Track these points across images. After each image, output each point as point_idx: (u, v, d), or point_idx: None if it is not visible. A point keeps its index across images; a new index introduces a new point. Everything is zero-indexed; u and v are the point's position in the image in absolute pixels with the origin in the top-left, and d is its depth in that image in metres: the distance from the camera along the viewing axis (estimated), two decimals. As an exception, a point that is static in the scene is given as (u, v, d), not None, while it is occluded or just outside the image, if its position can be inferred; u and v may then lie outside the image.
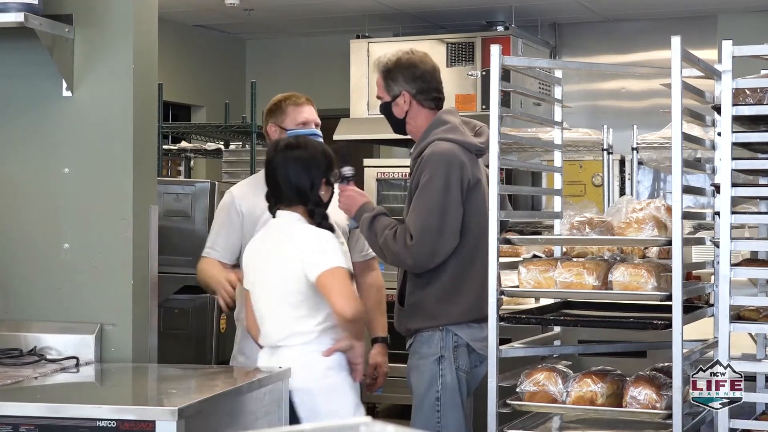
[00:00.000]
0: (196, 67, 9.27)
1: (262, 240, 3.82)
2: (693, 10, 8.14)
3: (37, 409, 3.11)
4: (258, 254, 3.79)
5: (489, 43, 7.13)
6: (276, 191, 3.78)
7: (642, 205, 3.80)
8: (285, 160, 3.75)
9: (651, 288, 3.59)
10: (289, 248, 3.70)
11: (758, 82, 3.58)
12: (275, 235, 3.76)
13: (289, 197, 3.75)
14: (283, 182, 3.74)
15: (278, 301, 3.71)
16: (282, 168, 3.75)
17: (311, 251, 3.66)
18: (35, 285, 3.96)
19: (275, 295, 3.72)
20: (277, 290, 3.71)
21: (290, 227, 3.74)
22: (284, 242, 3.72)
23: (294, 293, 3.67)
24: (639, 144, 6.14)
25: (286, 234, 3.73)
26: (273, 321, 3.74)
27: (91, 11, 3.94)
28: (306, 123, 4.47)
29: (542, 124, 5.45)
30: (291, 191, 3.74)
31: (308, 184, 3.75)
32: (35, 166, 4.00)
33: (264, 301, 3.76)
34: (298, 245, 3.69)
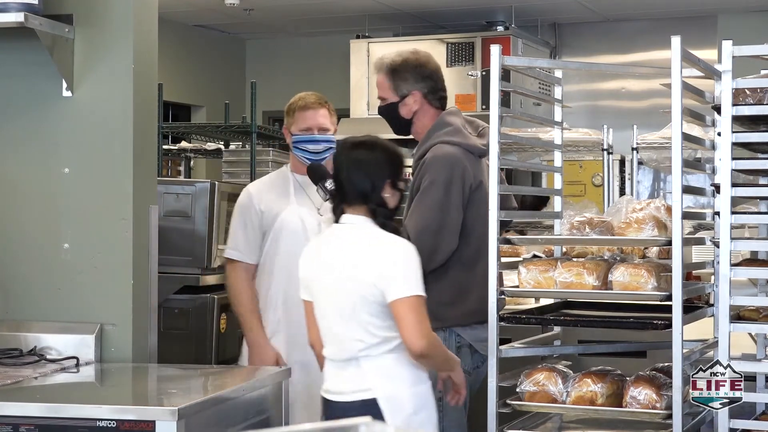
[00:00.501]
0: (196, 67, 9.27)
1: (326, 246, 3.56)
2: (693, 10, 8.14)
3: (37, 409, 3.11)
4: (325, 262, 3.50)
5: (489, 43, 7.13)
6: (340, 191, 3.60)
7: (642, 205, 3.80)
8: (347, 159, 3.56)
9: (651, 288, 3.59)
10: (366, 256, 3.44)
11: (758, 82, 3.58)
12: (347, 241, 3.49)
13: (351, 197, 3.55)
14: (345, 182, 3.54)
15: (356, 311, 3.41)
16: (345, 168, 3.56)
17: (394, 270, 3.41)
18: (35, 285, 3.96)
19: (351, 304, 3.42)
20: (353, 299, 3.41)
21: (363, 232, 3.49)
22: (359, 248, 3.46)
23: (373, 303, 3.41)
24: (639, 144, 6.14)
25: (362, 239, 3.48)
26: (350, 331, 3.43)
27: (91, 11, 3.94)
28: (309, 129, 4.45)
29: (542, 124, 5.45)
30: (353, 192, 3.54)
31: (369, 186, 3.52)
32: (35, 166, 4.00)
33: (336, 311, 3.45)
34: (378, 256, 3.44)
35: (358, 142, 3.61)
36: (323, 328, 3.50)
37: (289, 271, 4.23)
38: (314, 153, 4.43)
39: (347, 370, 3.43)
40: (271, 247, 4.39)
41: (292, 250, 4.23)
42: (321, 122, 4.48)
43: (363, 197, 3.50)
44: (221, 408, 3.30)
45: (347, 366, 3.43)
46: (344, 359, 3.43)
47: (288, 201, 4.43)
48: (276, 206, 4.41)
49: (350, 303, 3.41)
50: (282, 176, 4.57)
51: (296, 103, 4.51)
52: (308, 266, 3.56)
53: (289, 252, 4.27)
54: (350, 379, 3.42)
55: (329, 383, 3.47)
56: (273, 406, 3.65)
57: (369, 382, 3.39)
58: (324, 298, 3.48)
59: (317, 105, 4.51)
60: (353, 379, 3.41)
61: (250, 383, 3.51)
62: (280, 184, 4.51)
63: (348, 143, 3.61)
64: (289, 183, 4.50)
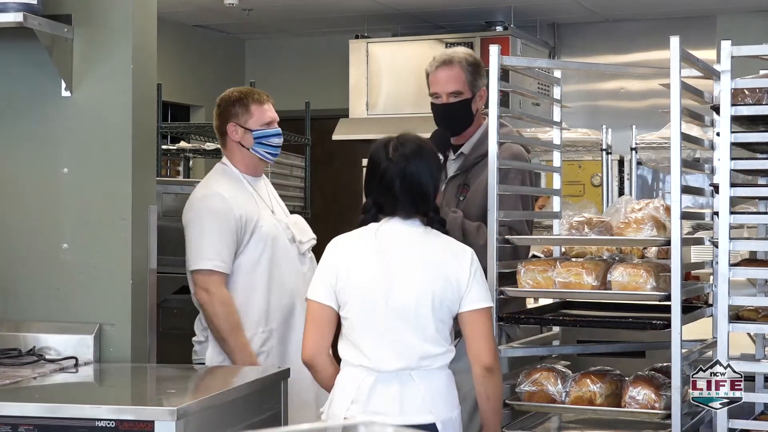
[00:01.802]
0: (195, 67, 9.26)
1: (385, 249, 3.26)
2: (692, 11, 8.14)
3: (36, 409, 3.11)
4: (387, 266, 3.23)
5: (488, 43, 7.12)
6: (391, 199, 3.26)
7: (641, 205, 3.80)
8: (410, 163, 3.26)
9: (650, 288, 3.59)
10: (443, 261, 3.25)
11: (757, 82, 3.58)
12: (415, 244, 3.26)
13: (408, 206, 3.26)
14: (406, 189, 3.24)
15: (425, 317, 3.20)
16: (408, 173, 3.25)
17: (472, 278, 3.25)
18: (34, 285, 3.96)
19: (421, 310, 3.20)
20: (424, 305, 3.20)
21: (431, 237, 3.28)
22: (433, 253, 3.26)
23: (444, 311, 3.23)
24: (638, 144, 6.14)
25: (434, 244, 3.28)
26: (406, 341, 3.20)
27: (90, 11, 3.94)
28: (271, 123, 4.27)
29: (541, 124, 5.45)
30: (415, 199, 3.26)
31: (433, 190, 3.31)
32: (34, 166, 4.00)
33: (398, 317, 3.20)
34: (456, 262, 3.26)
35: (415, 145, 3.31)
36: (369, 336, 3.21)
37: (278, 281, 4.15)
38: (277, 147, 4.29)
39: (394, 386, 3.19)
40: (253, 256, 4.12)
41: (274, 258, 4.15)
42: (276, 116, 4.33)
43: (425, 203, 3.28)
44: (220, 408, 3.30)
45: (394, 380, 3.19)
46: (395, 369, 3.19)
47: (256, 206, 4.20)
48: (252, 212, 4.16)
49: (420, 308, 3.19)
50: (234, 178, 4.24)
51: (251, 96, 4.24)
52: (355, 269, 3.24)
53: (271, 260, 4.14)
54: (403, 398, 3.18)
55: (377, 403, 3.17)
56: (272, 406, 3.65)
57: (427, 404, 3.18)
58: (380, 303, 3.20)
59: (269, 99, 4.31)
60: (407, 398, 3.18)
61: (249, 383, 3.51)
62: (242, 186, 4.22)
63: (399, 146, 3.29)
64: (245, 185, 4.23)
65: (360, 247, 3.28)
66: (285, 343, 4.16)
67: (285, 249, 4.20)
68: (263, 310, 4.13)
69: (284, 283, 4.18)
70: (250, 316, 4.10)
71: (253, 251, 4.12)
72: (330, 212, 9.40)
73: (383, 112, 8.13)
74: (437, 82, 4.15)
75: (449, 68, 4.13)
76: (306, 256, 4.28)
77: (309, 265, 4.25)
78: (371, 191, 3.32)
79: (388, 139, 3.34)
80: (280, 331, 4.16)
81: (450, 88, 4.12)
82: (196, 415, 3.13)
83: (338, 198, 9.39)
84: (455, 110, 4.12)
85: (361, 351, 3.22)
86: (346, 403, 3.19)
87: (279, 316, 4.16)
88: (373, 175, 3.31)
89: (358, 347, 3.22)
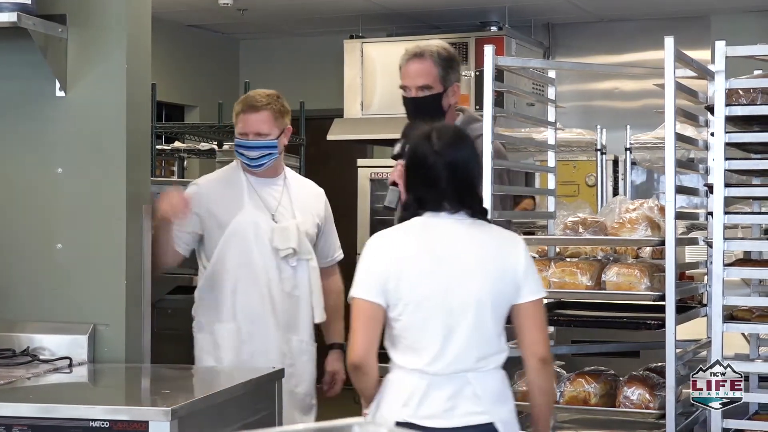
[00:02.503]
0: (190, 68, 9.26)
1: (436, 242, 3.08)
2: (686, 11, 8.14)
3: (30, 409, 3.11)
4: (442, 259, 3.06)
5: (482, 43, 7.11)
6: (438, 193, 3.09)
7: (635, 206, 3.81)
8: (458, 154, 3.10)
9: (644, 288, 3.59)
10: (500, 253, 3.10)
11: (751, 82, 3.58)
12: (469, 236, 3.09)
13: (455, 199, 3.10)
14: (455, 181, 3.08)
15: (483, 314, 3.05)
16: (456, 165, 3.09)
17: (528, 269, 3.11)
18: (28, 285, 3.96)
19: (477, 309, 3.04)
20: (482, 301, 3.04)
21: (483, 228, 3.13)
22: (489, 245, 3.11)
23: (501, 306, 3.08)
24: (632, 144, 6.15)
25: (489, 235, 3.13)
26: (465, 342, 3.03)
27: (84, 11, 3.94)
28: (245, 134, 4.19)
29: (536, 124, 5.45)
30: (462, 191, 3.10)
31: (479, 181, 3.23)
32: (28, 166, 3.99)
33: (453, 314, 3.03)
34: (513, 253, 3.11)
35: (457, 134, 3.17)
36: (425, 339, 3.03)
37: (245, 282, 4.14)
38: (251, 159, 4.18)
39: (449, 388, 3.01)
40: (220, 255, 4.16)
41: (243, 259, 4.14)
42: (257, 128, 4.18)
43: (472, 194, 3.13)
44: (215, 408, 3.30)
45: (449, 383, 3.02)
46: (451, 373, 3.01)
47: (241, 204, 4.20)
48: (228, 209, 4.18)
49: (479, 307, 3.04)
50: (234, 175, 4.28)
51: (242, 104, 4.25)
52: (408, 268, 3.05)
53: (239, 262, 4.14)
54: (459, 399, 3.01)
55: (430, 407, 3.01)
56: (267, 406, 3.65)
57: (483, 404, 3.02)
58: (438, 304, 3.03)
59: (259, 107, 4.21)
60: (462, 400, 3.02)
61: (244, 383, 3.50)
62: (233, 184, 4.25)
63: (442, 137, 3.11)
64: (243, 184, 4.24)
65: (410, 245, 3.08)
66: (253, 345, 4.12)
67: (260, 252, 4.16)
68: (230, 309, 4.15)
69: (253, 285, 4.14)
70: (218, 313, 4.15)
71: (217, 250, 4.16)
72: (325, 212, 9.39)
73: (378, 112, 8.12)
74: (407, 75, 4.05)
75: (420, 61, 4.01)
76: (289, 263, 4.19)
77: (293, 273, 4.20)
78: (415, 187, 3.14)
79: (426, 131, 3.15)
80: (248, 332, 4.13)
81: (419, 81, 4.00)
82: (191, 415, 3.12)
83: (333, 198, 9.36)
84: (424, 105, 3.98)
85: (416, 354, 3.03)
86: (398, 407, 3.02)
87: (245, 317, 4.14)
88: (417, 170, 3.12)
89: (413, 350, 3.03)
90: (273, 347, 4.15)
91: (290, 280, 4.20)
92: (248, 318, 4.15)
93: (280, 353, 4.16)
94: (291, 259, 4.20)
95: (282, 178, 4.33)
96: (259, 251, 4.16)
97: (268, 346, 4.14)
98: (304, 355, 4.27)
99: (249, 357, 4.12)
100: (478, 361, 3.04)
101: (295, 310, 4.23)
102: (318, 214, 4.40)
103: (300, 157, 7.43)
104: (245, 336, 4.14)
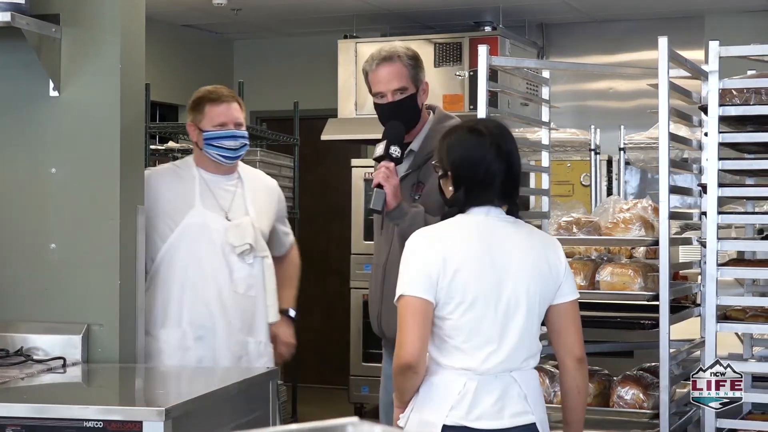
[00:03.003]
0: (184, 67, 9.25)
1: (487, 239, 3.04)
2: (680, 11, 8.15)
3: (24, 409, 3.10)
4: (495, 258, 3.03)
5: (477, 43, 7.13)
6: (486, 187, 3.06)
7: (629, 205, 3.82)
8: (506, 145, 3.08)
9: (638, 288, 3.60)
10: (545, 252, 3.09)
11: (745, 82, 3.59)
12: (517, 235, 3.08)
13: (501, 192, 3.08)
14: (505, 174, 3.06)
15: (531, 313, 3.04)
16: (506, 157, 3.06)
17: (569, 270, 3.14)
18: (22, 285, 3.95)
19: (527, 306, 3.03)
20: (529, 300, 3.03)
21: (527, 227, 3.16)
22: (535, 244, 3.09)
23: (544, 305, 3.08)
24: (626, 144, 6.15)
25: (533, 235, 3.14)
26: (514, 342, 3.01)
27: (78, 11, 3.93)
28: (224, 125, 4.17)
29: (530, 124, 5.46)
30: (509, 184, 3.09)
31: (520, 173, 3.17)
32: (22, 166, 3.99)
33: (503, 314, 3.00)
34: (556, 253, 3.12)
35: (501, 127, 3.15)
36: (476, 339, 2.99)
37: (193, 283, 4.09)
38: (232, 150, 4.16)
39: (496, 388, 2.99)
40: (167, 254, 4.11)
41: (193, 260, 4.09)
42: (236, 116, 4.20)
43: (516, 188, 3.11)
44: (209, 408, 3.30)
45: (497, 383, 2.99)
46: (499, 372, 3.00)
47: (192, 202, 4.15)
48: (178, 208, 4.14)
49: (528, 307, 3.02)
50: (187, 172, 4.23)
51: (206, 97, 4.21)
52: (461, 268, 2.99)
53: (188, 263, 4.09)
54: (507, 400, 2.99)
55: (480, 409, 2.96)
56: (261, 405, 3.65)
57: (527, 404, 3.01)
58: (490, 304, 2.99)
59: (231, 98, 4.22)
60: (510, 400, 2.99)
61: (238, 383, 3.50)
62: (185, 181, 4.20)
63: (488, 129, 3.10)
64: (195, 181, 4.19)
65: (462, 244, 3.02)
66: (200, 350, 4.07)
67: (209, 254, 4.11)
68: (175, 314, 4.10)
69: (201, 289, 4.10)
70: (164, 318, 4.10)
71: (164, 249, 4.12)
72: (319, 212, 9.40)
73: (372, 112, 8.01)
74: (379, 81, 3.95)
75: (390, 65, 3.93)
76: (246, 260, 4.13)
77: (249, 271, 4.14)
78: (466, 181, 3.07)
79: (470, 124, 3.16)
80: (194, 338, 4.08)
81: (394, 85, 3.92)
82: (185, 415, 3.12)
83: (327, 198, 9.39)
84: (403, 107, 3.91)
85: (465, 354, 2.98)
86: (446, 409, 2.96)
87: (191, 322, 4.08)
88: (466, 164, 3.07)
89: (461, 350, 2.98)
90: (224, 352, 4.09)
91: (244, 280, 4.13)
92: (195, 323, 4.08)
93: (233, 357, 4.10)
94: (247, 256, 4.14)
95: (236, 174, 4.29)
96: (208, 253, 4.11)
97: (218, 351, 4.08)
98: (263, 357, 4.19)
99: (196, 363, 4.05)
100: (524, 361, 3.03)
101: (251, 312, 4.16)
102: (271, 210, 4.36)
103: (294, 157, 7.43)
104: (190, 342, 4.07)
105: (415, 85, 3.94)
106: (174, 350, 4.08)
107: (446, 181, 3.14)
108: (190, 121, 4.24)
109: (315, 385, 9.04)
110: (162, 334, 4.09)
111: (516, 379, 3.01)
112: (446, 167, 3.12)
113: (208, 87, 4.30)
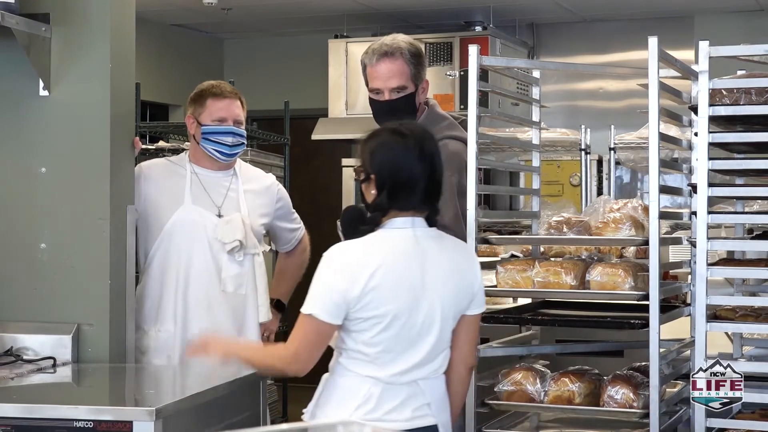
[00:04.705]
0: (174, 67, 9.23)
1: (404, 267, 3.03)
2: (670, 11, 8.16)
3: (14, 409, 3.10)
4: (411, 285, 3.01)
5: (467, 43, 7.13)
6: (410, 191, 3.04)
7: (619, 205, 3.82)
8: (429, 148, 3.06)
9: (628, 287, 3.60)
10: (466, 264, 3.15)
11: (735, 82, 3.59)
12: (439, 245, 3.10)
13: (424, 198, 3.07)
14: (429, 178, 3.05)
15: (442, 334, 3.07)
16: (429, 161, 3.04)
17: (482, 285, 3.18)
18: (12, 285, 3.94)
19: (440, 326, 3.06)
20: (444, 320, 3.06)
21: (447, 238, 3.17)
22: (456, 255, 3.14)
23: (456, 319, 3.11)
24: (616, 144, 6.16)
25: (455, 246, 3.18)
26: (426, 354, 3.05)
27: (68, 10, 3.93)
28: (223, 120, 4.14)
29: (520, 124, 5.46)
30: (431, 189, 3.07)
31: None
32: (11, 165, 3.98)
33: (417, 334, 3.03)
34: (476, 264, 3.18)
35: (425, 130, 3.13)
36: (389, 351, 3.01)
37: (183, 279, 4.08)
38: (228, 146, 4.13)
39: (402, 394, 3.03)
40: (159, 250, 4.11)
41: (182, 256, 4.08)
42: (237, 114, 4.17)
43: (438, 193, 3.10)
44: (199, 408, 3.29)
45: (403, 389, 3.04)
46: (408, 381, 3.04)
47: (181, 198, 4.13)
48: (168, 203, 4.12)
49: (443, 321, 3.05)
50: (180, 167, 4.21)
51: (209, 90, 4.19)
52: (369, 281, 2.97)
53: (178, 259, 4.08)
54: (409, 406, 3.03)
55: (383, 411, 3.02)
56: (251, 405, 3.64)
57: (429, 410, 3.06)
58: (407, 320, 3.00)
59: (233, 95, 4.19)
60: (412, 406, 3.04)
61: (229, 383, 3.50)
62: (177, 176, 4.18)
63: (412, 131, 3.06)
64: (186, 176, 4.17)
65: (374, 262, 2.99)
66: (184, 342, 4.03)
67: (199, 252, 4.10)
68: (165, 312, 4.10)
69: (191, 287, 4.09)
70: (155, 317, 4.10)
71: (156, 245, 4.11)
72: (309, 212, 9.38)
73: (362, 111, 8.10)
74: (378, 77, 3.78)
75: (391, 61, 3.76)
76: (236, 258, 4.11)
77: (239, 270, 4.12)
78: (387, 184, 3.04)
79: (393, 126, 3.11)
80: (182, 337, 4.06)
81: (393, 83, 3.77)
82: (175, 415, 3.12)
83: (317, 197, 9.38)
84: (400, 107, 3.75)
85: (376, 365, 3.02)
86: (350, 409, 3.02)
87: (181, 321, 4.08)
88: (389, 166, 3.04)
89: (373, 362, 3.02)
90: None
91: (235, 279, 4.11)
92: (184, 321, 4.08)
93: None
94: (237, 253, 4.11)
95: (232, 171, 4.26)
96: (197, 250, 4.10)
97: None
98: None
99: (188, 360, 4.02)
100: (432, 372, 3.08)
101: (241, 311, 4.15)
102: (267, 207, 4.31)
103: (284, 157, 7.42)
104: (179, 340, 4.07)
105: (415, 84, 3.82)
106: (165, 347, 4.08)
107: (368, 185, 3.09)
108: (190, 113, 4.23)
109: (305, 385, 9.01)
110: (153, 331, 4.10)
111: (422, 387, 3.06)
112: (369, 170, 3.08)
113: (212, 81, 4.29)
